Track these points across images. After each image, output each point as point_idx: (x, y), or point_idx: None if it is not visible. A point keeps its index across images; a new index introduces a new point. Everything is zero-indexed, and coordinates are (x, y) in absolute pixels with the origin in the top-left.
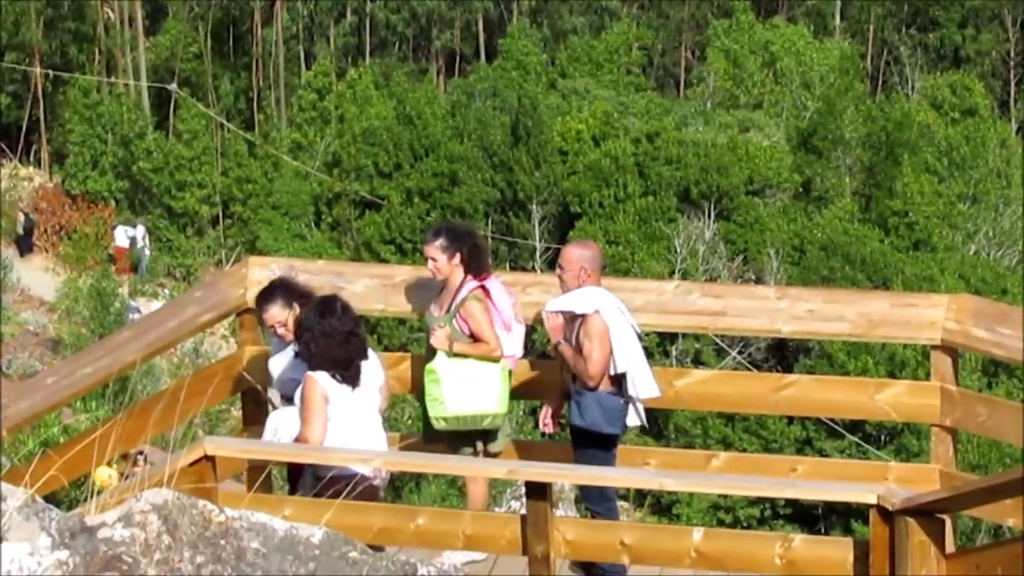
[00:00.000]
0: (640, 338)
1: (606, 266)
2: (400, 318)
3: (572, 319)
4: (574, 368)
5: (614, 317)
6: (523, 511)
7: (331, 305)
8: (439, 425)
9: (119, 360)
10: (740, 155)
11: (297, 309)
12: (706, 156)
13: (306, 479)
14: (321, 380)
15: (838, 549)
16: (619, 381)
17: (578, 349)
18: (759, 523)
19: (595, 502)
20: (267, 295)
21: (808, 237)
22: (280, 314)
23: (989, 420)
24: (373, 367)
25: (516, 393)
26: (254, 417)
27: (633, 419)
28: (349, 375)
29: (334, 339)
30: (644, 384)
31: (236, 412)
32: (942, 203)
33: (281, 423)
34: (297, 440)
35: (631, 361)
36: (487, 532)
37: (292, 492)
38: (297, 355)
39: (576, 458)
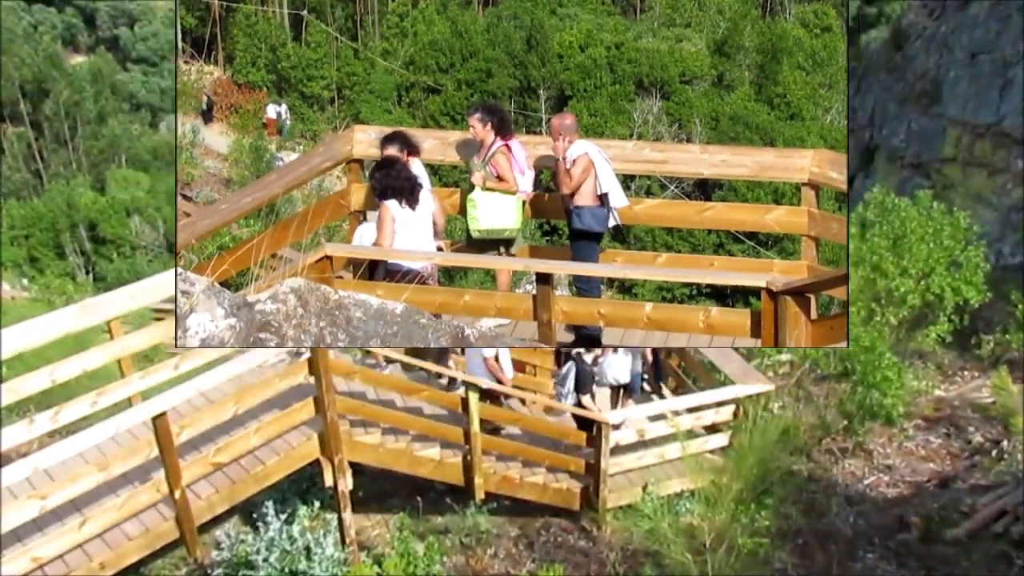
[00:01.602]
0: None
1: (582, 129)
2: (453, 165)
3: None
4: (558, 178)
5: (597, 156)
6: (534, 292)
7: (393, 159)
8: (476, 235)
9: (269, 193)
10: (676, 57)
11: (406, 155)
12: (654, 58)
13: (379, 271)
14: (391, 206)
15: (741, 317)
16: (603, 198)
17: (566, 170)
18: (689, 299)
19: (582, 283)
20: (390, 138)
21: (721, 112)
22: (396, 155)
23: (839, 232)
24: (427, 199)
25: (531, 213)
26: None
27: (611, 221)
28: (411, 199)
29: (400, 175)
30: (617, 197)
31: (346, 226)
32: (809, 89)
33: (365, 232)
34: (374, 245)
35: (609, 184)
36: (511, 305)
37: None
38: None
39: (574, 249)
